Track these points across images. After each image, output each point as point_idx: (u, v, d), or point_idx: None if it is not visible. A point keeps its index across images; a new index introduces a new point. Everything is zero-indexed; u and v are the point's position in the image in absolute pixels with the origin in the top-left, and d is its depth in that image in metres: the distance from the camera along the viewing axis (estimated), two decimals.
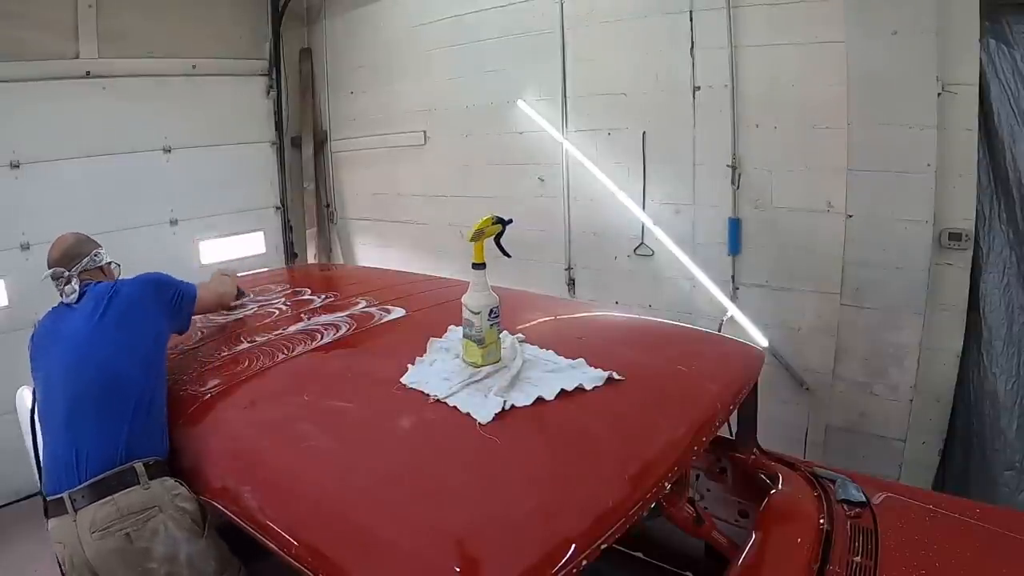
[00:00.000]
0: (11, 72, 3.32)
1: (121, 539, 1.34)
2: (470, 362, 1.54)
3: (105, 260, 1.82)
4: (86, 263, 1.75)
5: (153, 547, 1.35)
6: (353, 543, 1.10)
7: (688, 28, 2.96)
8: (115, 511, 1.35)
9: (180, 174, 4.09)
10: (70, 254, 1.75)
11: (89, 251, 1.78)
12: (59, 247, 1.77)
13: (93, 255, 1.78)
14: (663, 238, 3.20)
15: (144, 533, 1.35)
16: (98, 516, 1.35)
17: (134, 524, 1.35)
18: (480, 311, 1.52)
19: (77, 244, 1.79)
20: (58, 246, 1.77)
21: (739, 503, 1.89)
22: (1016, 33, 2.32)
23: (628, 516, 1.12)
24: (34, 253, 3.40)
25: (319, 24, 4.73)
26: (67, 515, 1.37)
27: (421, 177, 4.26)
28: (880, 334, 2.62)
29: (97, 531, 1.34)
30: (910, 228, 2.49)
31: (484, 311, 1.52)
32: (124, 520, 1.35)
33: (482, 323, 1.52)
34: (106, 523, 1.34)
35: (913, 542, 1.47)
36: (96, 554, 1.34)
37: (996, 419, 2.42)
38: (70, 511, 1.36)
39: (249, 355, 1.78)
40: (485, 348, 1.54)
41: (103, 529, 1.34)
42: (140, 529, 1.35)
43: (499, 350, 1.58)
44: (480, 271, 1.56)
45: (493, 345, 1.56)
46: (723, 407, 1.55)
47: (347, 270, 4.16)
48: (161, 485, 1.40)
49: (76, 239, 1.81)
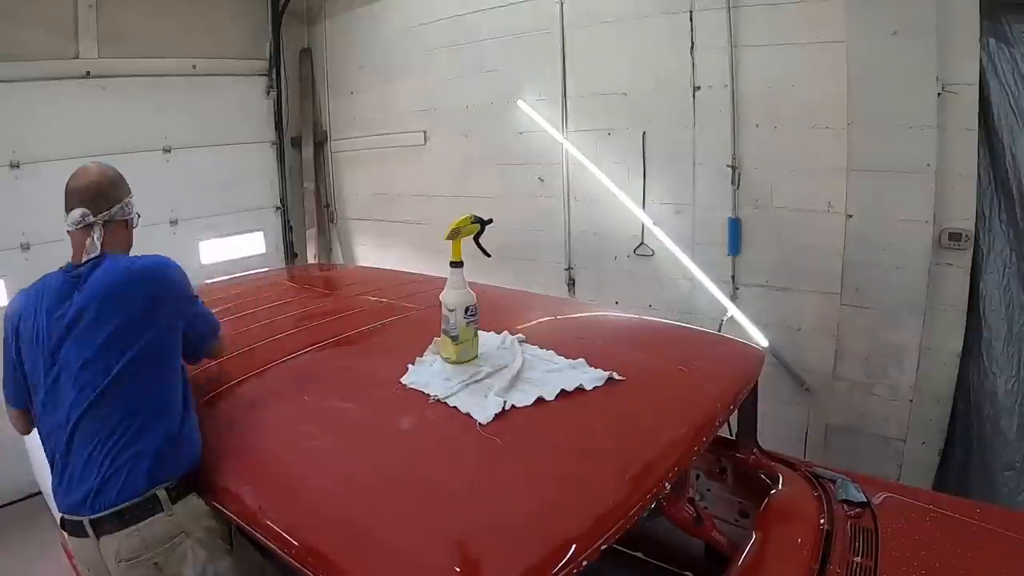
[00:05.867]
0: (11, 72, 3.32)
1: (150, 568, 1.29)
2: (445, 357, 1.58)
3: (134, 210, 1.52)
4: (116, 211, 1.44)
5: (183, 572, 1.30)
6: (353, 543, 1.10)
7: (688, 28, 2.96)
8: (140, 542, 1.28)
9: (180, 174, 4.09)
10: (104, 193, 1.44)
11: (122, 197, 1.48)
12: (89, 179, 1.44)
13: (125, 203, 1.48)
14: (663, 238, 3.20)
15: (173, 560, 1.30)
16: (123, 546, 1.27)
17: (161, 553, 1.29)
18: (455, 308, 1.55)
19: (110, 183, 1.47)
20: (87, 177, 1.44)
21: (739, 503, 1.89)
22: (1016, 33, 2.32)
23: (628, 516, 1.12)
24: (34, 253, 3.40)
25: (319, 24, 4.73)
26: (88, 538, 1.29)
27: (421, 177, 4.25)
28: (880, 334, 2.62)
29: (123, 561, 1.28)
30: (910, 228, 2.49)
31: (460, 308, 1.55)
32: (151, 550, 1.28)
33: (457, 320, 1.55)
34: (132, 554, 1.27)
35: (913, 542, 1.47)
36: None
37: (996, 419, 2.42)
38: (91, 536, 1.28)
39: (249, 355, 1.78)
40: (460, 345, 1.57)
41: (129, 560, 1.27)
42: (169, 557, 1.29)
43: (475, 348, 1.61)
44: (457, 269, 1.59)
45: (468, 343, 1.59)
46: (723, 407, 1.55)
47: (347, 270, 4.16)
48: (185, 507, 1.31)
49: (111, 175, 1.48)
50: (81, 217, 1.41)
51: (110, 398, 1.30)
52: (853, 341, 2.69)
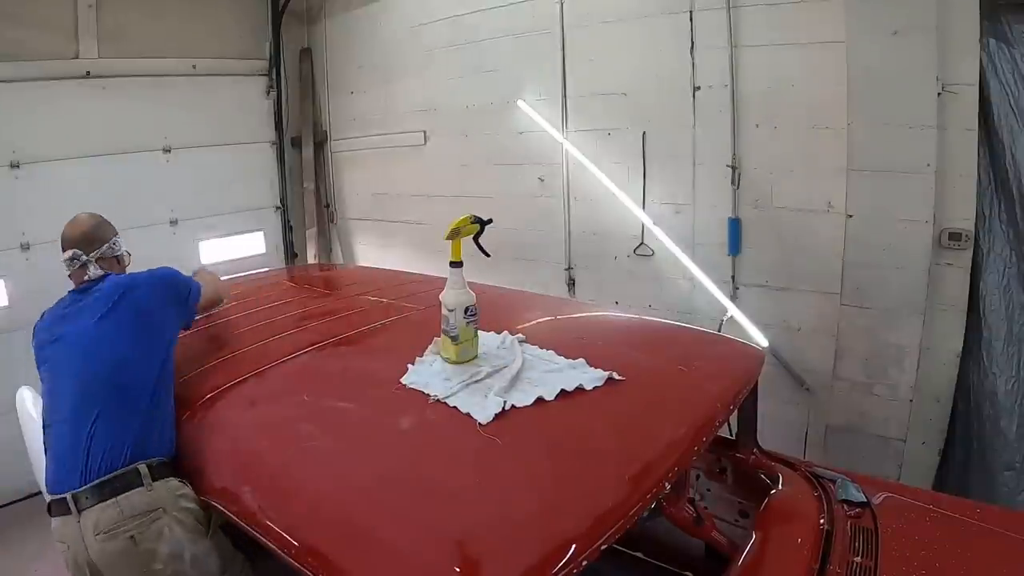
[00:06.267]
0: (11, 72, 3.32)
1: (126, 541, 1.33)
2: (445, 357, 1.58)
3: (122, 249, 1.77)
4: (104, 250, 1.70)
5: (158, 548, 1.34)
6: (353, 543, 1.10)
7: (688, 28, 2.96)
8: (119, 513, 1.34)
9: (180, 174, 4.08)
10: (90, 237, 1.69)
11: (109, 237, 1.73)
12: (78, 227, 1.69)
13: (112, 243, 1.73)
14: (663, 238, 3.20)
15: (149, 535, 1.34)
16: (102, 518, 1.34)
17: (139, 526, 1.34)
18: (455, 308, 1.55)
19: (97, 228, 1.72)
20: (77, 226, 1.70)
21: (739, 503, 1.89)
22: (1016, 33, 2.32)
23: (628, 516, 1.12)
24: (34, 253, 3.40)
25: (319, 24, 4.73)
26: (70, 515, 1.35)
27: (421, 177, 4.25)
28: (880, 334, 2.62)
29: (101, 533, 1.33)
30: (910, 228, 2.49)
31: (459, 308, 1.55)
32: (128, 522, 1.34)
33: (456, 320, 1.55)
34: (110, 525, 1.33)
35: (913, 542, 1.46)
36: (100, 555, 1.33)
37: (996, 419, 2.42)
38: (73, 511, 1.35)
39: (249, 355, 1.78)
40: (459, 345, 1.57)
41: (107, 531, 1.33)
42: (145, 531, 1.34)
43: (475, 348, 1.61)
44: (457, 269, 1.59)
45: (468, 343, 1.59)
46: (723, 407, 1.54)
47: (347, 270, 4.16)
48: (165, 486, 1.38)
49: (96, 222, 1.74)
50: (73, 256, 1.66)
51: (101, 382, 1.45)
52: (853, 341, 2.69)
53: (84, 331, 1.53)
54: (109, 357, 1.48)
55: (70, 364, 1.49)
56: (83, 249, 1.66)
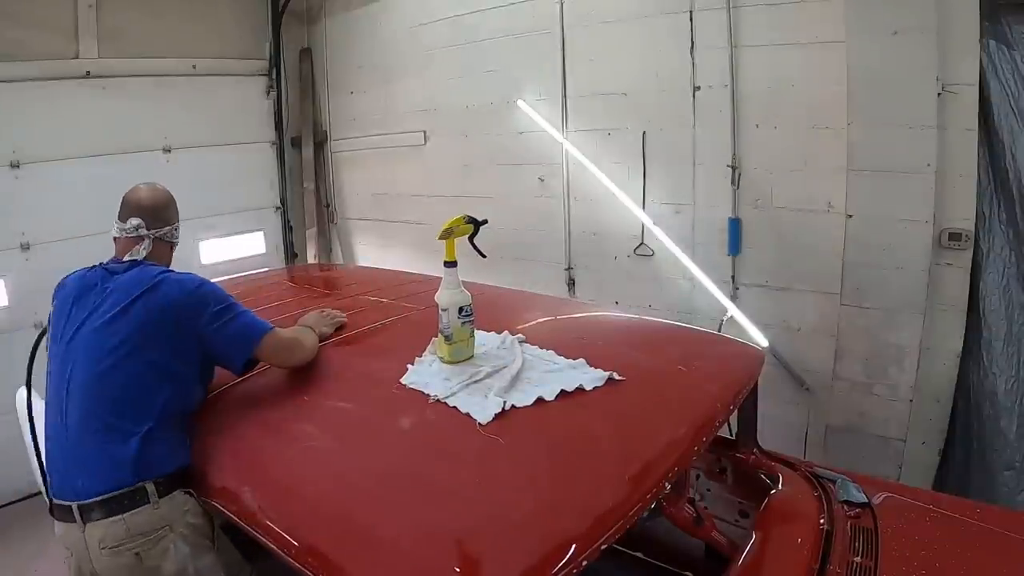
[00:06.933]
0: (11, 72, 3.32)
1: (131, 557, 1.31)
2: (439, 357, 1.58)
3: (178, 238, 1.65)
4: (166, 232, 1.58)
5: (163, 565, 1.33)
6: (353, 543, 1.10)
7: (688, 28, 2.96)
8: (125, 531, 1.31)
9: (180, 174, 4.06)
10: (160, 213, 1.56)
11: (174, 221, 1.62)
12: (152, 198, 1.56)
13: (175, 227, 1.61)
14: (663, 238, 3.20)
15: (154, 553, 1.32)
16: (108, 534, 1.31)
17: (144, 544, 1.32)
18: (449, 308, 1.55)
19: (168, 207, 1.60)
20: (150, 196, 1.56)
21: (739, 503, 1.89)
22: (1016, 33, 2.32)
23: (628, 516, 1.12)
24: (34, 253, 3.41)
25: (319, 24, 4.73)
26: (74, 524, 1.32)
27: (421, 177, 4.25)
28: (880, 334, 2.62)
29: (107, 548, 1.31)
30: (910, 228, 2.49)
31: (453, 308, 1.55)
32: (134, 540, 1.31)
33: (451, 319, 1.55)
34: (116, 542, 1.31)
35: (913, 542, 1.47)
36: (105, 568, 1.32)
37: (996, 419, 2.42)
38: (78, 521, 1.32)
39: None
40: (453, 345, 1.57)
41: (112, 547, 1.31)
42: (151, 549, 1.32)
43: (470, 348, 1.61)
44: (451, 269, 1.58)
45: (463, 343, 1.59)
46: (723, 407, 1.54)
47: (347, 270, 4.16)
48: (171, 503, 1.35)
49: (169, 200, 1.62)
50: (135, 227, 1.53)
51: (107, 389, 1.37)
52: (853, 341, 2.69)
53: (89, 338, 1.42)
54: (110, 371, 1.38)
55: (73, 371, 1.41)
56: (148, 222, 1.54)
